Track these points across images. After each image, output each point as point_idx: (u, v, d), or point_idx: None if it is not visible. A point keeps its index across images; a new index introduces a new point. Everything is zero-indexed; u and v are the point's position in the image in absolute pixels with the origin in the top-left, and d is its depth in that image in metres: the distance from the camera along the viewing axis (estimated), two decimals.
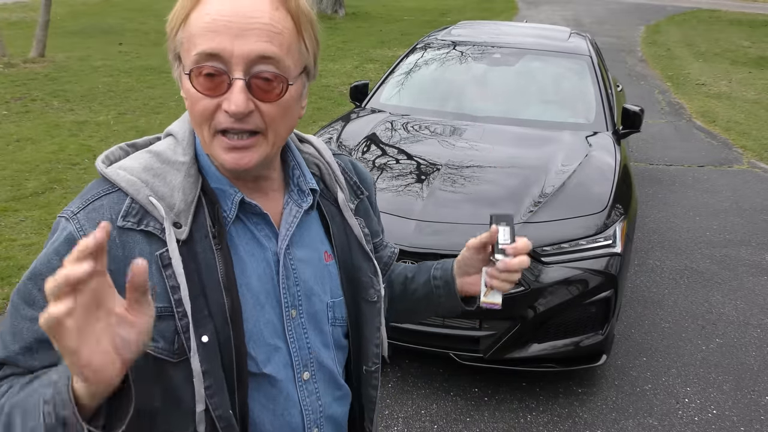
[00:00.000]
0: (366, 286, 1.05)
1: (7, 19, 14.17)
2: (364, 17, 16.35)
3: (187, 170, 0.89)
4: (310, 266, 0.98)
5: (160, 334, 0.84)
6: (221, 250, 0.88)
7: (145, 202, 0.86)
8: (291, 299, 0.95)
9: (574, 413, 2.94)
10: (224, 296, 0.87)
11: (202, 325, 0.85)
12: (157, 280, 0.84)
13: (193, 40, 0.83)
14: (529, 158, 3.52)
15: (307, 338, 0.97)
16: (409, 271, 1.24)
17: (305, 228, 0.99)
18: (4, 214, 4.69)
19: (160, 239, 0.85)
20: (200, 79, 0.83)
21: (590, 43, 5.13)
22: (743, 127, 7.93)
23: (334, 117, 5.31)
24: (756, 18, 18.84)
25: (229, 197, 0.91)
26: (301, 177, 0.99)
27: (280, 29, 0.84)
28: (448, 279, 1.17)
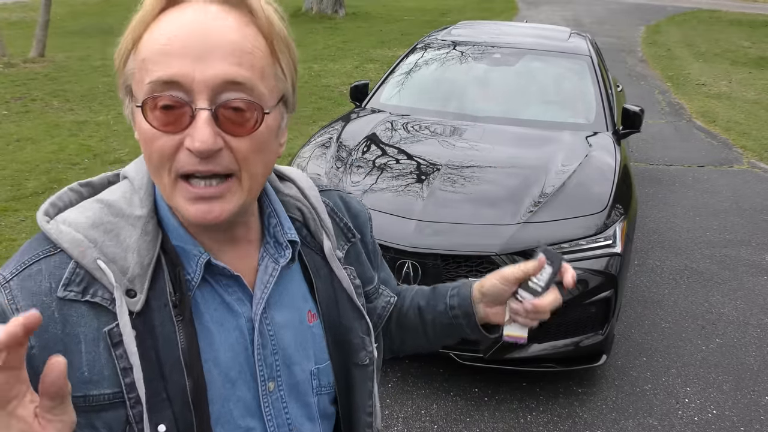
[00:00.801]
0: (356, 349, 0.90)
1: (7, 19, 14.18)
2: (364, 17, 16.35)
3: (143, 226, 0.74)
4: (290, 330, 0.84)
5: (106, 426, 0.71)
6: (183, 321, 0.73)
7: (92, 267, 0.71)
8: (268, 371, 0.81)
9: (574, 413, 2.94)
10: (185, 376, 0.73)
11: (159, 412, 0.71)
12: (106, 360, 0.70)
13: (146, 66, 0.68)
14: (529, 158, 3.52)
15: (287, 413, 0.83)
16: (422, 299, 1.07)
17: (284, 285, 0.85)
18: (4, 214, 4.69)
19: (110, 311, 0.71)
20: (156, 112, 0.67)
21: (590, 43, 5.13)
22: (743, 127, 7.94)
23: (334, 117, 5.31)
24: (756, 18, 18.84)
25: (193, 258, 0.76)
26: (277, 226, 0.84)
27: (250, 48, 0.69)
28: (468, 310, 1.00)
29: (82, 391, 0.70)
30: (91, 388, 0.70)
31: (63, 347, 0.69)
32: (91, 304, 0.71)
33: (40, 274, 0.71)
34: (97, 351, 0.70)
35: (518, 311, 0.94)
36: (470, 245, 2.85)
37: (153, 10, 0.70)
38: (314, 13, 15.95)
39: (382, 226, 2.94)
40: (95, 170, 5.64)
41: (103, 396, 0.70)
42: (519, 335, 0.95)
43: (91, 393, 0.70)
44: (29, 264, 0.72)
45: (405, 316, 1.07)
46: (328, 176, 3.34)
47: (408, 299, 1.09)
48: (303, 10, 16.09)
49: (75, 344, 0.70)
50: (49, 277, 0.71)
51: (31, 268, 0.72)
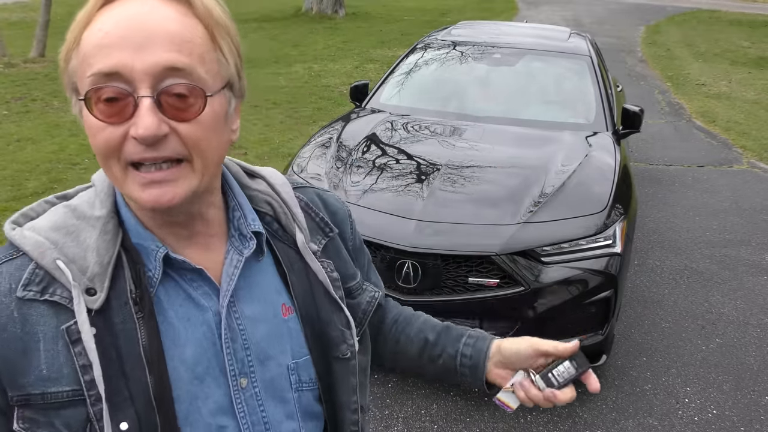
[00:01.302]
0: (336, 342, 0.89)
1: (7, 19, 14.18)
2: (364, 17, 16.35)
3: (102, 226, 0.76)
4: (262, 324, 0.83)
5: (65, 425, 0.71)
6: (143, 318, 0.74)
7: (51, 267, 0.73)
8: (239, 366, 0.80)
9: (574, 413, 2.95)
10: (147, 374, 0.73)
11: (121, 410, 0.71)
12: (65, 359, 0.71)
13: (87, 60, 0.69)
14: (529, 158, 3.53)
15: (262, 411, 0.82)
16: (431, 333, 1.06)
17: (255, 279, 0.84)
18: (4, 214, 4.70)
19: (69, 310, 0.72)
20: (100, 105, 0.69)
21: (590, 43, 5.13)
22: (743, 127, 7.94)
23: (334, 117, 5.31)
24: (756, 18, 18.84)
25: (151, 254, 0.77)
26: (241, 219, 0.84)
27: (189, 36, 0.70)
28: (478, 364, 1.00)
29: (41, 389, 0.71)
30: (50, 386, 0.71)
31: (22, 346, 0.71)
32: (50, 303, 0.72)
33: (0, 275, 0.73)
34: (56, 349, 0.71)
35: (525, 389, 0.94)
36: (470, 245, 2.85)
37: (93, 7, 0.71)
38: (314, 13, 15.95)
39: (382, 226, 2.95)
40: (95, 170, 5.60)
41: (62, 393, 0.71)
42: (510, 405, 0.96)
43: (49, 390, 0.71)
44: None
45: (408, 343, 1.06)
46: (328, 176, 3.34)
47: (415, 327, 1.08)
48: (303, 10, 16.10)
49: (34, 342, 0.71)
50: (9, 279, 0.73)
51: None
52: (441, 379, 1.08)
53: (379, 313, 1.07)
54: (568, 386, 0.92)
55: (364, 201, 3.09)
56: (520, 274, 2.80)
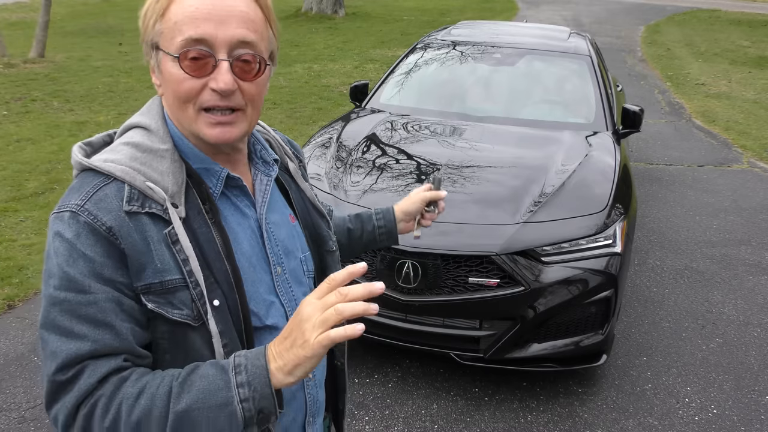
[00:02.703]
0: (326, 239, 1.20)
1: (7, 19, 14.18)
2: (364, 17, 16.35)
3: (171, 156, 0.96)
4: (283, 228, 1.10)
5: (182, 302, 0.92)
6: (215, 224, 0.97)
7: (143, 188, 0.92)
8: (275, 258, 1.06)
9: (575, 413, 2.95)
10: (226, 264, 0.95)
11: (212, 291, 0.94)
12: (169, 255, 0.92)
13: (179, 27, 0.90)
14: (529, 158, 3.52)
15: (292, 291, 1.08)
16: (350, 223, 1.47)
17: (272, 195, 1.10)
18: (4, 214, 4.69)
19: (163, 219, 0.92)
20: (187, 62, 0.91)
21: (590, 43, 5.13)
22: (743, 127, 7.94)
23: (334, 117, 5.31)
24: (755, 18, 18.84)
25: (215, 174, 1.00)
26: (263, 150, 1.11)
27: (253, 17, 0.94)
28: (392, 229, 1.46)
29: (159, 278, 0.91)
30: (165, 276, 0.91)
31: (141, 248, 0.90)
32: (149, 214, 0.92)
33: (107, 197, 0.91)
34: (162, 248, 0.91)
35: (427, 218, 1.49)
36: (470, 245, 2.85)
37: None
38: (314, 13, 15.95)
39: None
40: None
41: (175, 280, 0.92)
42: (420, 235, 1.48)
43: (165, 278, 0.91)
44: (95, 191, 0.91)
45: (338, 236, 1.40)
46: (328, 176, 3.34)
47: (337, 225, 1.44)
48: (303, 10, 16.09)
49: (147, 245, 0.91)
50: (115, 198, 0.91)
51: (98, 194, 0.91)
52: (364, 249, 1.49)
53: None
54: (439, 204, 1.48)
55: (364, 201, 3.09)
56: (520, 274, 2.80)
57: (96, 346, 0.87)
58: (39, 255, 4.15)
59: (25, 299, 3.71)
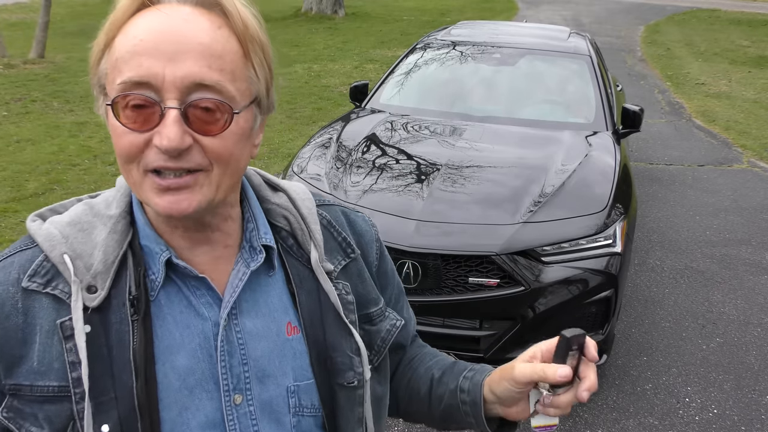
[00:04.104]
0: (342, 368, 0.84)
1: (7, 20, 14.19)
2: (364, 17, 16.35)
3: (113, 225, 0.76)
4: (264, 341, 0.80)
5: (47, 419, 0.71)
6: (138, 321, 0.73)
7: (58, 261, 0.73)
8: (234, 381, 0.77)
9: (575, 413, 2.94)
10: (134, 377, 0.72)
11: (104, 412, 0.71)
12: (57, 353, 0.71)
13: (118, 66, 0.69)
14: (529, 158, 3.52)
15: (256, 431, 0.79)
16: (437, 370, 0.98)
17: (262, 294, 0.82)
18: (4, 214, 4.70)
19: (69, 305, 0.72)
20: (126, 111, 0.69)
21: (590, 42, 5.13)
22: (743, 127, 7.94)
23: (333, 117, 5.32)
24: (755, 17, 18.84)
25: (155, 257, 0.76)
26: (254, 231, 0.82)
27: (220, 52, 0.70)
28: (476, 399, 0.91)
29: (29, 381, 0.71)
30: (38, 379, 0.71)
31: (22, 336, 0.72)
32: (52, 296, 0.73)
33: (11, 265, 0.75)
34: (51, 343, 0.72)
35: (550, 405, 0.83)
36: (470, 245, 2.85)
37: (127, 10, 0.71)
38: (314, 13, 15.95)
39: (382, 226, 2.93)
40: (95, 171, 5.64)
41: (48, 388, 0.71)
42: (549, 424, 0.84)
43: (37, 383, 0.71)
44: (6, 256, 0.76)
45: (418, 380, 1.00)
46: (328, 177, 3.34)
47: (425, 365, 1.02)
48: (303, 11, 16.09)
49: (32, 334, 0.72)
50: (18, 269, 0.74)
51: (7, 260, 0.75)
52: (450, 424, 0.96)
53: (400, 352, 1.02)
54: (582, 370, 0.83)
55: (363, 201, 3.09)
56: (521, 274, 2.80)
57: None
58: None
59: None
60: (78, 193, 5.15)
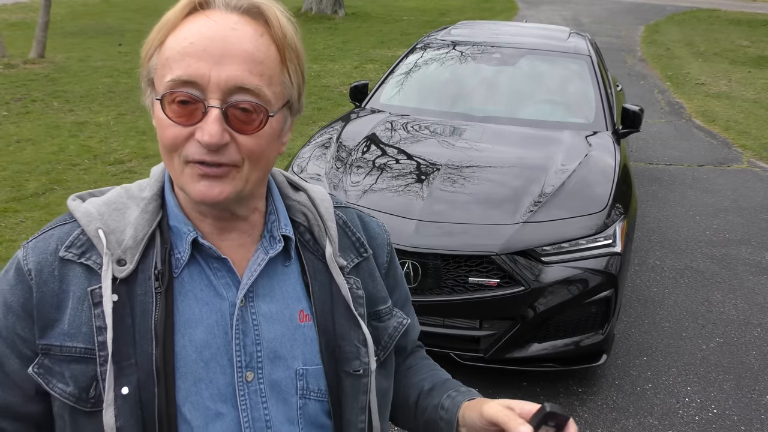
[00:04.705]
0: (349, 357, 0.89)
1: (7, 19, 14.18)
2: (363, 17, 16.35)
3: (144, 206, 0.84)
4: (277, 324, 0.85)
5: (73, 378, 0.77)
6: (161, 294, 0.80)
7: (93, 235, 0.81)
8: (247, 359, 0.83)
9: (575, 413, 2.94)
10: (154, 346, 0.78)
11: (125, 375, 0.77)
12: (86, 318, 0.78)
13: (169, 64, 0.76)
14: (528, 158, 3.53)
15: (265, 408, 0.83)
16: (428, 382, 1.04)
17: (279, 281, 0.88)
18: (4, 214, 4.70)
19: (100, 276, 0.79)
20: (173, 106, 0.76)
21: (590, 42, 5.13)
22: (743, 127, 7.94)
23: (334, 117, 5.32)
24: (755, 17, 18.84)
25: (183, 236, 0.83)
26: (275, 222, 0.89)
27: (261, 58, 0.77)
28: (452, 420, 0.95)
29: (60, 342, 0.78)
30: (67, 340, 0.78)
31: (56, 301, 0.79)
32: (85, 266, 0.80)
33: (51, 237, 0.82)
34: (81, 308, 0.78)
35: None
36: (470, 245, 2.85)
37: (180, 13, 0.78)
38: (314, 13, 15.95)
39: None
40: (95, 171, 5.64)
41: (76, 349, 0.77)
42: None
43: (66, 344, 0.78)
44: (47, 230, 0.84)
45: (409, 388, 1.05)
46: (328, 176, 3.34)
47: (420, 375, 1.06)
48: (303, 11, 16.09)
49: (65, 300, 0.79)
50: (57, 240, 0.82)
51: (47, 233, 0.83)
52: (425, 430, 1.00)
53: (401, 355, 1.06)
54: None
55: (364, 201, 3.09)
56: (520, 274, 2.80)
57: None
58: None
59: None
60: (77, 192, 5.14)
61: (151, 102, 0.80)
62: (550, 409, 0.77)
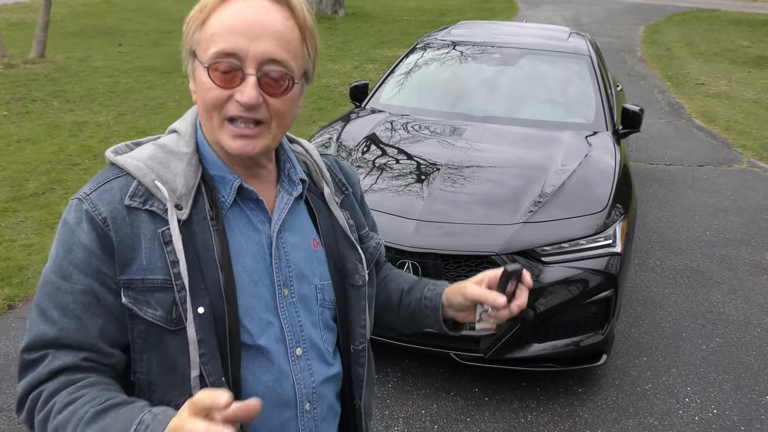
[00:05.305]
0: (351, 272, 1.13)
1: (7, 19, 14.18)
2: (364, 17, 16.35)
3: (189, 160, 0.99)
4: (300, 251, 1.07)
5: (159, 304, 0.93)
6: (218, 231, 0.98)
7: (150, 185, 0.96)
8: (283, 279, 1.04)
9: (575, 413, 2.95)
10: (219, 272, 0.96)
11: (199, 298, 0.94)
12: (159, 255, 0.94)
13: (214, 39, 0.93)
14: (529, 158, 3.53)
15: (298, 316, 1.05)
16: (406, 284, 1.29)
17: (296, 216, 1.08)
18: (4, 214, 4.70)
19: (163, 219, 0.95)
20: (217, 73, 0.94)
21: (590, 43, 5.13)
22: (743, 127, 7.94)
23: (334, 117, 5.32)
24: (755, 18, 18.84)
25: (228, 183, 1.01)
26: (291, 169, 1.10)
27: (289, 38, 0.95)
28: (437, 306, 1.21)
29: (141, 276, 0.93)
30: (148, 274, 0.93)
31: (131, 243, 0.93)
32: (149, 212, 0.95)
33: (112, 189, 0.96)
34: (153, 247, 0.94)
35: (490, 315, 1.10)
36: (470, 245, 2.85)
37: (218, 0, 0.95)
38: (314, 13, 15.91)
39: (382, 226, 2.92)
40: (95, 170, 5.62)
41: (156, 280, 0.93)
42: (488, 327, 1.13)
43: (147, 277, 0.93)
44: (103, 183, 0.97)
45: (391, 292, 1.29)
46: None
47: (396, 281, 1.31)
48: None
49: (138, 242, 0.94)
50: (119, 191, 0.95)
51: (105, 186, 0.96)
52: (412, 324, 1.26)
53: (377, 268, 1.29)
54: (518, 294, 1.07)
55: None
56: None
57: (60, 334, 0.91)
58: (39, 255, 4.15)
59: (26, 299, 3.71)
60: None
61: (192, 69, 0.98)
62: (510, 270, 1.05)
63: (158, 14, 15.90)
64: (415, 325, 1.27)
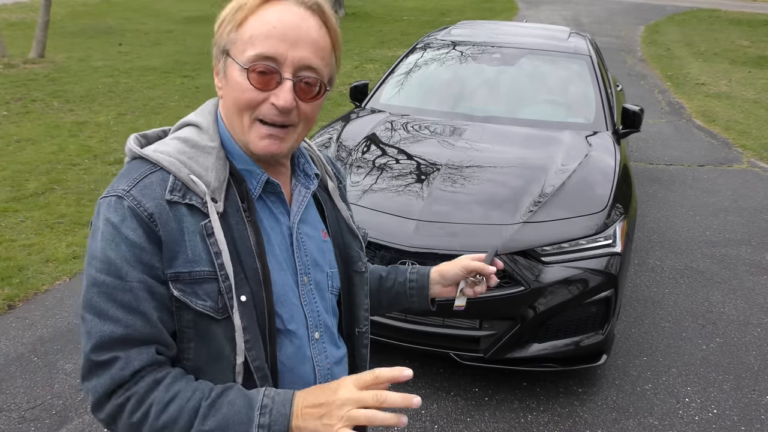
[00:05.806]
0: (355, 259, 1.22)
1: (7, 19, 14.18)
2: (364, 17, 16.35)
3: (217, 153, 1.02)
4: (313, 241, 1.14)
5: (207, 294, 0.97)
6: (251, 222, 1.02)
7: (186, 180, 0.98)
8: (303, 267, 1.10)
9: (575, 413, 2.95)
10: (257, 262, 1.00)
11: (241, 287, 0.98)
12: (202, 247, 0.97)
13: (252, 41, 0.96)
14: (529, 158, 3.52)
15: (315, 303, 1.12)
16: (382, 271, 1.42)
17: (308, 209, 1.15)
18: (4, 214, 4.70)
19: (201, 212, 0.97)
20: (254, 75, 0.96)
21: (590, 42, 5.13)
22: (743, 127, 7.94)
23: (334, 117, 5.32)
24: (755, 17, 18.84)
25: (255, 177, 1.05)
26: (306, 164, 1.15)
27: (322, 45, 1.00)
28: (424, 285, 1.37)
29: (188, 268, 0.96)
30: (195, 266, 0.96)
31: (176, 236, 0.96)
32: (188, 206, 0.97)
33: (152, 184, 0.97)
34: (196, 240, 0.97)
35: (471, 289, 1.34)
36: (470, 245, 2.84)
37: (256, 3, 0.97)
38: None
39: (382, 226, 2.94)
40: (95, 170, 5.64)
41: (203, 272, 0.96)
42: (461, 305, 1.33)
43: (194, 269, 0.96)
44: (141, 179, 0.97)
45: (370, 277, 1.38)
46: None
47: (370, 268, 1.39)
48: None
49: (183, 235, 0.96)
50: (159, 186, 0.97)
51: (144, 181, 0.97)
52: (393, 304, 1.41)
53: None
54: None
55: (364, 201, 3.09)
56: (520, 274, 2.80)
57: (128, 331, 0.93)
58: (39, 255, 4.15)
59: (25, 299, 3.71)
60: (78, 192, 5.15)
61: (224, 67, 1.00)
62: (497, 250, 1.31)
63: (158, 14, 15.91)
64: (394, 306, 1.42)
